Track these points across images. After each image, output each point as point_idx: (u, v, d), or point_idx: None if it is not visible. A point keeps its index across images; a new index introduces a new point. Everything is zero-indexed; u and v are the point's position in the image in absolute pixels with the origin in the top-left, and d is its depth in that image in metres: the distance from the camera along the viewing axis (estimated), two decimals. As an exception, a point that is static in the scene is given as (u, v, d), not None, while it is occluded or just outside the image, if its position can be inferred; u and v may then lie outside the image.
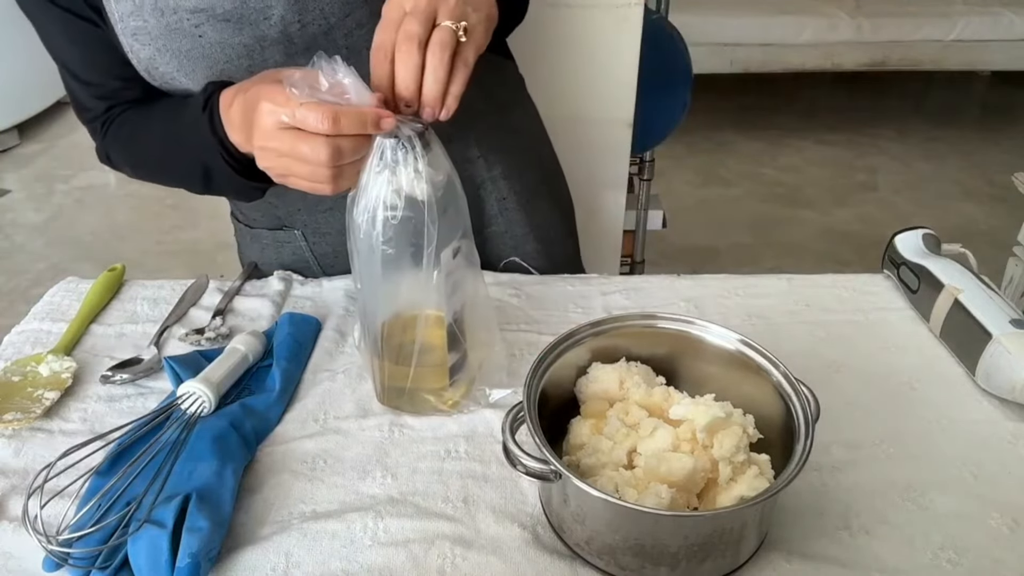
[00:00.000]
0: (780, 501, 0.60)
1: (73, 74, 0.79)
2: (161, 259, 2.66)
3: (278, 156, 0.60)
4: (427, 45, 0.58)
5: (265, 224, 0.93)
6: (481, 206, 0.93)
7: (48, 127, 3.60)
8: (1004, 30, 3.46)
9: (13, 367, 0.75)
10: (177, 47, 0.72)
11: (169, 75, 0.74)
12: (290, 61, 0.73)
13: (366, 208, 0.60)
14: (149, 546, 0.54)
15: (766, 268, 2.46)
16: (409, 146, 0.58)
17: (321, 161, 0.57)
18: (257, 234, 0.94)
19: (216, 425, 0.65)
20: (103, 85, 0.79)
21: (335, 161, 0.58)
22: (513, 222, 0.94)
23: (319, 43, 0.73)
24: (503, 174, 0.92)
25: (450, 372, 0.69)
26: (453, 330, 0.66)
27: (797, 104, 3.94)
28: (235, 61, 0.73)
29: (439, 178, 0.60)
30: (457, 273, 0.64)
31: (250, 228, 0.95)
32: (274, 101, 0.58)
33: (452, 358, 0.68)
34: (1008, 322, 0.71)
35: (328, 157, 0.57)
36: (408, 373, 0.67)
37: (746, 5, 3.46)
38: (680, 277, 0.91)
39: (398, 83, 0.59)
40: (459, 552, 0.57)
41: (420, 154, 0.58)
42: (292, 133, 0.58)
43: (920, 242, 0.86)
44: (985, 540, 0.58)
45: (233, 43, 0.72)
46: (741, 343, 0.64)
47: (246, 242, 0.97)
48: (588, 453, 0.60)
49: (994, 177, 3.10)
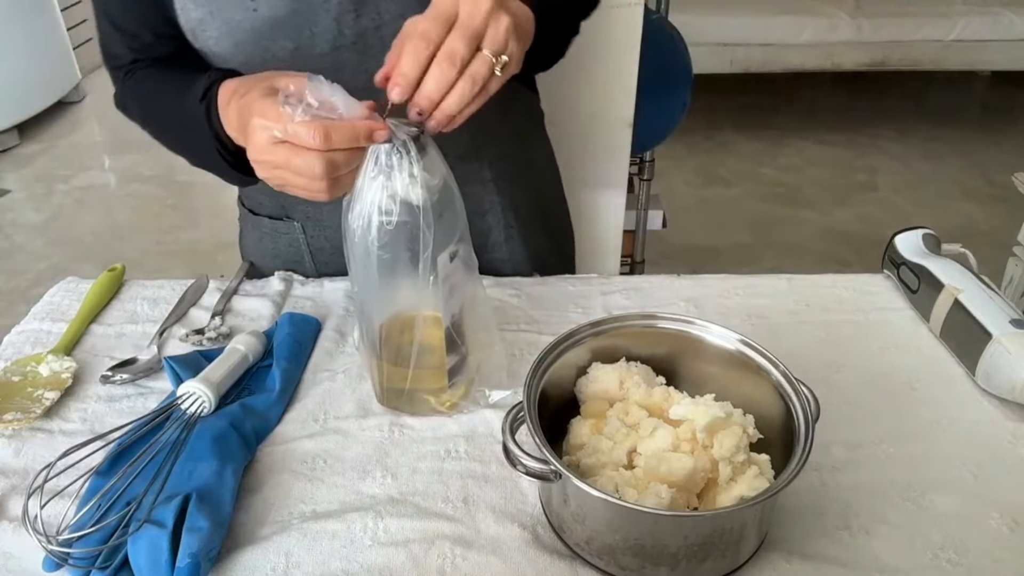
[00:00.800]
0: (780, 501, 0.60)
1: (110, 19, 0.80)
2: (161, 259, 2.66)
3: (273, 168, 0.60)
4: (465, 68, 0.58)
5: (267, 212, 0.93)
6: (487, 233, 0.93)
7: (48, 127, 3.60)
8: (1004, 30, 3.46)
9: (13, 367, 0.75)
10: (229, 16, 0.72)
11: (213, 40, 0.74)
12: (333, 52, 0.74)
13: (361, 214, 0.60)
14: (149, 546, 0.54)
15: (766, 268, 2.46)
16: (404, 151, 0.58)
17: (316, 174, 0.57)
18: (258, 221, 0.95)
19: (216, 425, 0.65)
20: (137, 37, 0.79)
21: (330, 173, 0.58)
22: (516, 252, 0.95)
23: (368, 37, 0.73)
24: (511, 203, 0.93)
25: (449, 374, 0.69)
26: (451, 333, 0.66)
27: (797, 104, 3.94)
28: (280, 41, 0.73)
29: (435, 182, 0.60)
30: (455, 277, 0.64)
31: (253, 214, 0.96)
32: (266, 117, 0.58)
33: (451, 360, 0.68)
34: (1008, 322, 0.71)
35: (322, 170, 0.57)
36: (407, 374, 0.67)
37: (746, 5, 3.46)
38: (680, 277, 0.91)
39: (422, 92, 0.58)
40: (459, 552, 0.57)
41: (415, 159, 0.58)
42: (286, 147, 0.58)
43: (920, 242, 0.86)
44: (985, 540, 0.58)
45: (284, 22, 0.72)
46: (741, 343, 0.64)
47: (247, 228, 0.98)
48: (588, 453, 0.60)
49: (994, 177, 3.10)
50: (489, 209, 0.92)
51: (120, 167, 3.31)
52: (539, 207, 0.98)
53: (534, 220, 0.96)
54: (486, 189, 0.91)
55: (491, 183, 0.91)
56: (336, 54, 0.74)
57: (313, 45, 0.74)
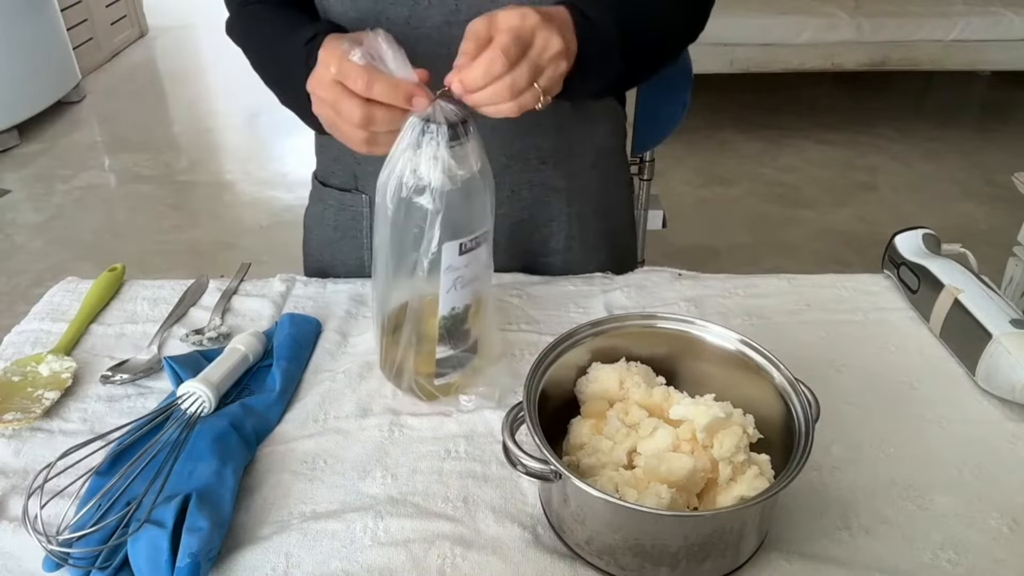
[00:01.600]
0: (780, 501, 0.60)
1: None
2: (161, 259, 2.66)
3: (323, 104, 0.64)
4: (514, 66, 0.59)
5: (337, 183, 0.94)
6: (548, 238, 0.93)
7: (48, 127, 3.60)
8: (1004, 30, 3.45)
9: (13, 367, 0.75)
10: None
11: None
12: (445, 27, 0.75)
13: (387, 179, 0.62)
14: (149, 546, 0.54)
15: (766, 268, 2.46)
16: (434, 131, 0.60)
17: (354, 121, 0.61)
18: (326, 193, 0.95)
19: (216, 425, 0.65)
20: None
21: (366, 125, 0.61)
22: (573, 262, 0.95)
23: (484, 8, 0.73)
24: (578, 215, 0.93)
25: (439, 363, 0.69)
26: (447, 324, 0.66)
27: (797, 104, 3.94)
28: (397, 7, 0.75)
29: (460, 171, 0.61)
30: (462, 271, 0.64)
31: (323, 185, 0.96)
32: (329, 54, 0.62)
33: (442, 350, 0.68)
34: (1008, 322, 0.71)
35: (360, 119, 0.61)
36: (398, 350, 0.68)
37: (746, 5, 3.46)
38: (680, 277, 0.91)
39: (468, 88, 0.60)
40: (459, 552, 0.57)
41: (442, 141, 0.60)
42: (338, 88, 0.61)
43: (920, 242, 0.86)
44: (985, 540, 0.58)
45: None
46: (741, 343, 0.64)
47: (313, 200, 0.99)
48: (588, 453, 0.60)
49: (994, 177, 3.10)
50: (555, 217, 0.92)
51: (120, 167, 3.31)
52: (605, 224, 0.97)
53: (598, 236, 0.96)
54: (556, 197, 0.91)
55: (563, 192, 0.91)
56: (447, 29, 0.75)
57: (427, 17, 0.75)
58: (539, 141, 0.86)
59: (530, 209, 0.90)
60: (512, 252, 0.92)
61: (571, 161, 0.90)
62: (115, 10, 4.60)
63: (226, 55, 0.91)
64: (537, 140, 0.86)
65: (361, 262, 0.95)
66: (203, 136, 3.67)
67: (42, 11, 3.57)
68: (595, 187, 0.94)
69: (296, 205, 0.98)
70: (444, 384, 0.70)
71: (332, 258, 0.97)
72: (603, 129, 0.93)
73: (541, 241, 0.93)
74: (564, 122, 0.86)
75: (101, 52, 4.43)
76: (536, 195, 0.89)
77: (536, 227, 0.92)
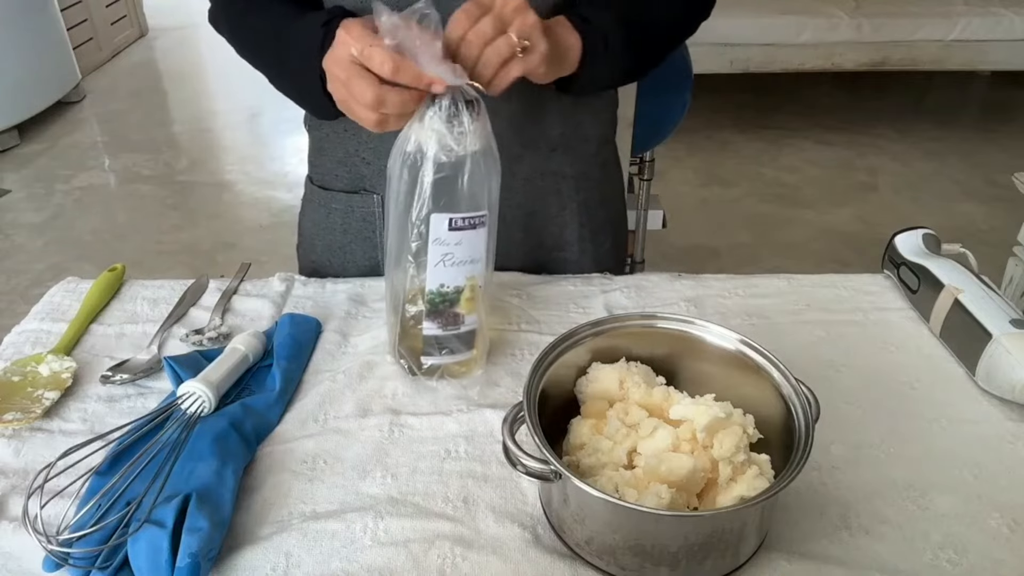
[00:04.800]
0: (780, 501, 0.60)
1: None
2: (161, 259, 2.66)
3: (336, 82, 0.66)
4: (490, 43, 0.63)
5: (342, 186, 0.93)
6: (562, 229, 0.94)
7: (48, 127, 3.60)
8: (1004, 30, 3.46)
9: (13, 367, 0.75)
10: None
11: None
12: None
13: (397, 149, 0.65)
14: (149, 546, 0.54)
15: (766, 268, 2.46)
16: (438, 106, 0.62)
17: (366, 102, 0.63)
18: (329, 197, 0.94)
19: (216, 425, 0.65)
20: None
21: (377, 108, 0.63)
22: (586, 254, 0.96)
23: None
24: (586, 203, 0.94)
25: (425, 340, 0.70)
26: (436, 300, 0.68)
27: (797, 104, 3.94)
28: None
29: (455, 147, 0.63)
30: (453, 249, 0.66)
31: (323, 190, 0.95)
32: (351, 35, 0.63)
33: (428, 327, 0.69)
34: (1008, 322, 0.71)
35: (371, 101, 0.63)
36: (396, 321, 0.71)
37: (746, 5, 3.45)
38: (680, 277, 0.91)
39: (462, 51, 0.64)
40: (459, 552, 0.57)
41: (440, 115, 0.62)
42: (353, 68, 0.63)
43: (920, 242, 0.86)
44: (985, 540, 0.58)
45: None
46: (741, 343, 0.64)
47: (312, 207, 0.97)
48: (588, 453, 0.60)
49: (994, 177, 3.10)
50: (567, 205, 0.93)
51: (120, 167, 3.32)
52: (609, 213, 0.99)
53: (605, 225, 0.97)
54: (566, 185, 0.92)
55: (572, 179, 0.92)
56: None
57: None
58: (548, 129, 0.87)
59: (543, 199, 0.92)
60: (527, 247, 0.93)
61: (577, 148, 0.91)
62: (115, 10, 4.61)
63: (226, 55, 0.91)
64: (546, 128, 0.87)
65: (374, 262, 0.94)
66: (203, 136, 3.67)
67: (42, 11, 3.57)
68: (598, 175, 0.96)
69: (296, 205, 0.98)
70: (430, 366, 0.72)
71: (343, 260, 0.95)
72: (604, 117, 0.95)
73: (556, 233, 0.94)
74: (569, 109, 0.88)
75: (101, 52, 4.43)
76: (548, 184, 0.91)
77: (550, 218, 0.93)
